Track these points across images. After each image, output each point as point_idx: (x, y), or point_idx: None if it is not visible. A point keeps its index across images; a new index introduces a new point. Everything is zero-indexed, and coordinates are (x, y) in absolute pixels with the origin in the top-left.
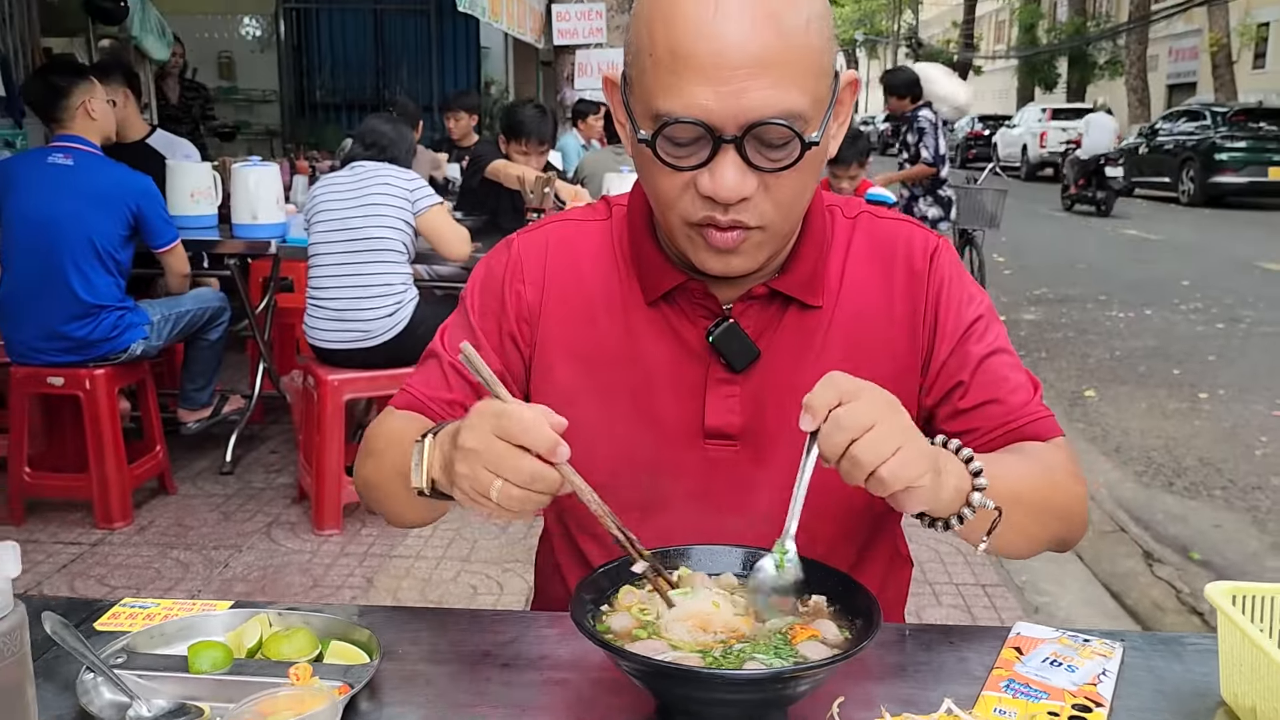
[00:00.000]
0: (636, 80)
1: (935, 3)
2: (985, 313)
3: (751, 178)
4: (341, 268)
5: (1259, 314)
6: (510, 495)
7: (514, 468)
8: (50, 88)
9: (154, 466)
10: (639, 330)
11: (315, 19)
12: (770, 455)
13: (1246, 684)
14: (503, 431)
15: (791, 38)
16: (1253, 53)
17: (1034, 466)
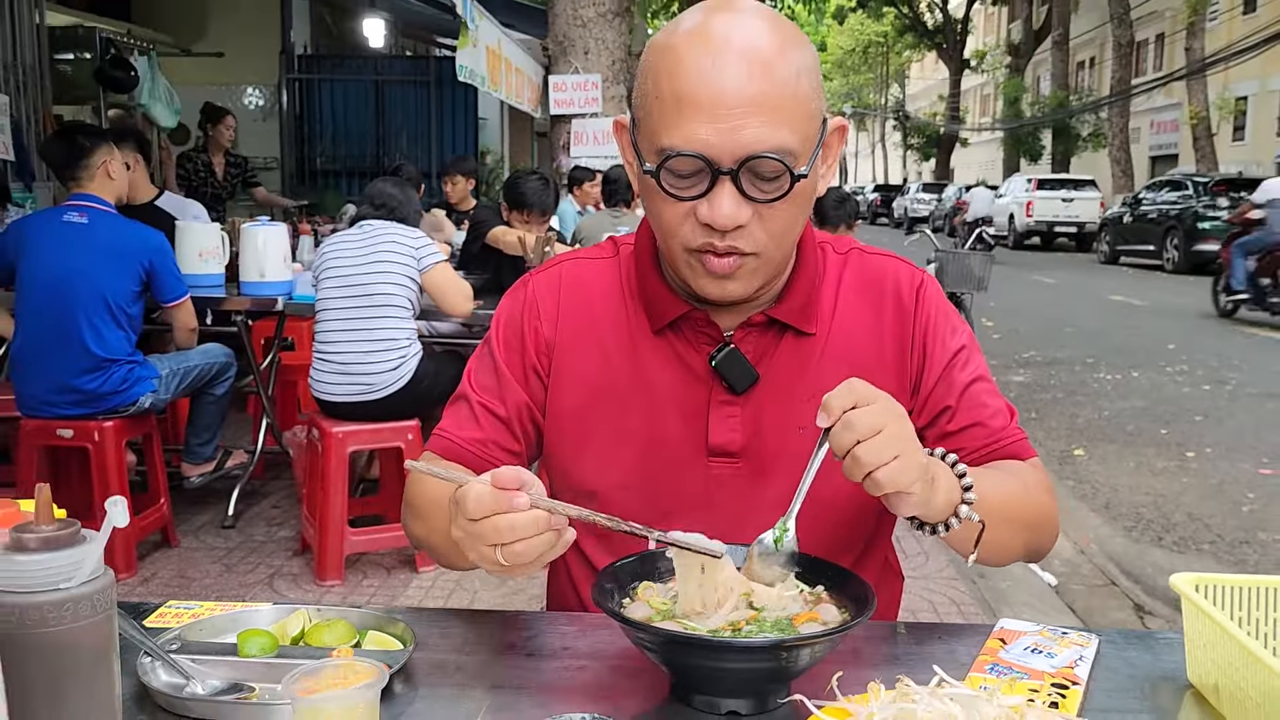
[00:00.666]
0: (643, 121)
1: (921, 77)
2: (968, 343)
3: (746, 208)
4: (348, 322)
5: (1244, 376)
6: (514, 553)
7: (495, 531)
8: (74, 147)
9: (158, 519)
10: (646, 357)
11: (317, 89)
12: (769, 471)
13: (1210, 663)
14: (468, 513)
15: (782, 85)
16: (1232, 125)
17: (1015, 483)
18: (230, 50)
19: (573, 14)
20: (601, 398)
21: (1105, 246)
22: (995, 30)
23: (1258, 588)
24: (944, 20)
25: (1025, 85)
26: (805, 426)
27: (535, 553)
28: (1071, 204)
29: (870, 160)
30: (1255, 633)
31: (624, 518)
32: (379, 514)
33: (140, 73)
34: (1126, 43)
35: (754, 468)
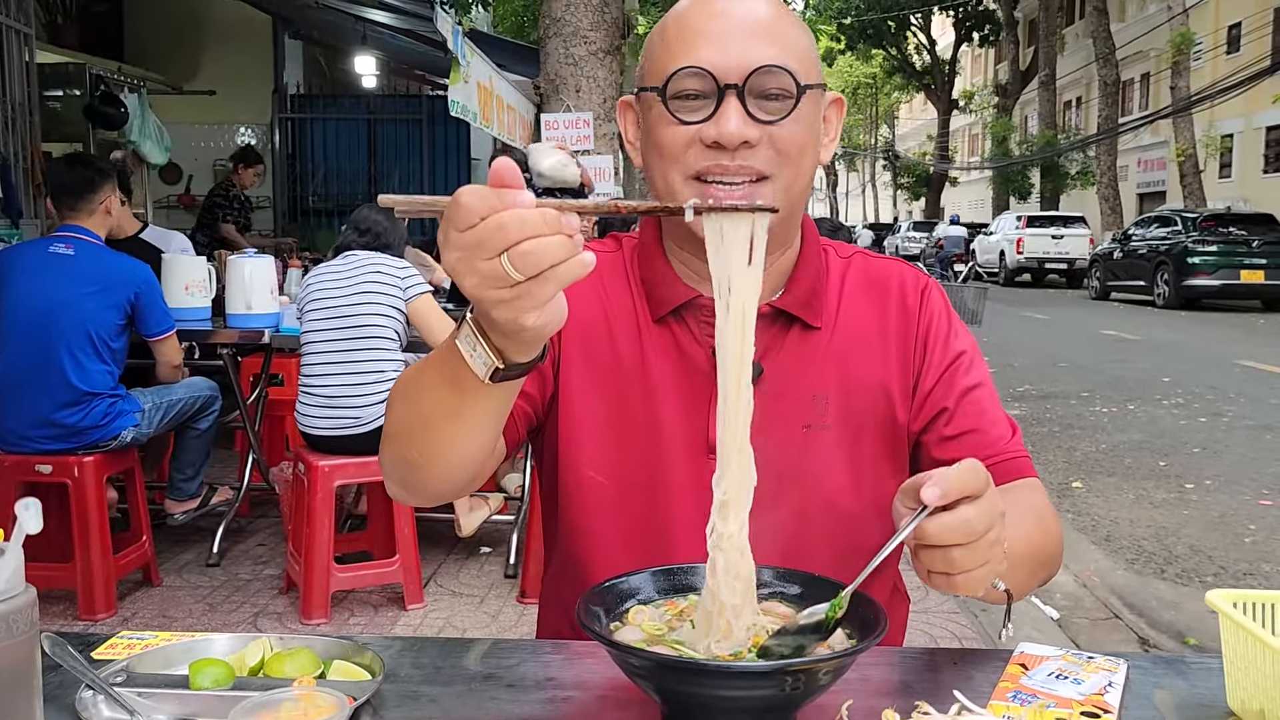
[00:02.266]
0: (649, 70)
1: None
2: (970, 349)
3: (753, 127)
4: (334, 354)
5: (1240, 409)
6: (523, 253)
7: (499, 229)
8: (85, 181)
9: (140, 557)
10: (648, 347)
11: (310, 128)
12: (771, 471)
13: (1254, 686)
14: (462, 219)
15: (784, 24)
16: (1218, 162)
17: (1030, 522)
18: (222, 89)
19: (564, 52)
20: (606, 383)
21: (1096, 282)
22: (983, 71)
23: None
24: (932, 62)
25: (1013, 125)
26: (810, 424)
27: (549, 256)
28: (1061, 241)
29: (861, 200)
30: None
31: (622, 513)
32: (366, 550)
33: (130, 110)
34: (1112, 82)
35: (758, 466)
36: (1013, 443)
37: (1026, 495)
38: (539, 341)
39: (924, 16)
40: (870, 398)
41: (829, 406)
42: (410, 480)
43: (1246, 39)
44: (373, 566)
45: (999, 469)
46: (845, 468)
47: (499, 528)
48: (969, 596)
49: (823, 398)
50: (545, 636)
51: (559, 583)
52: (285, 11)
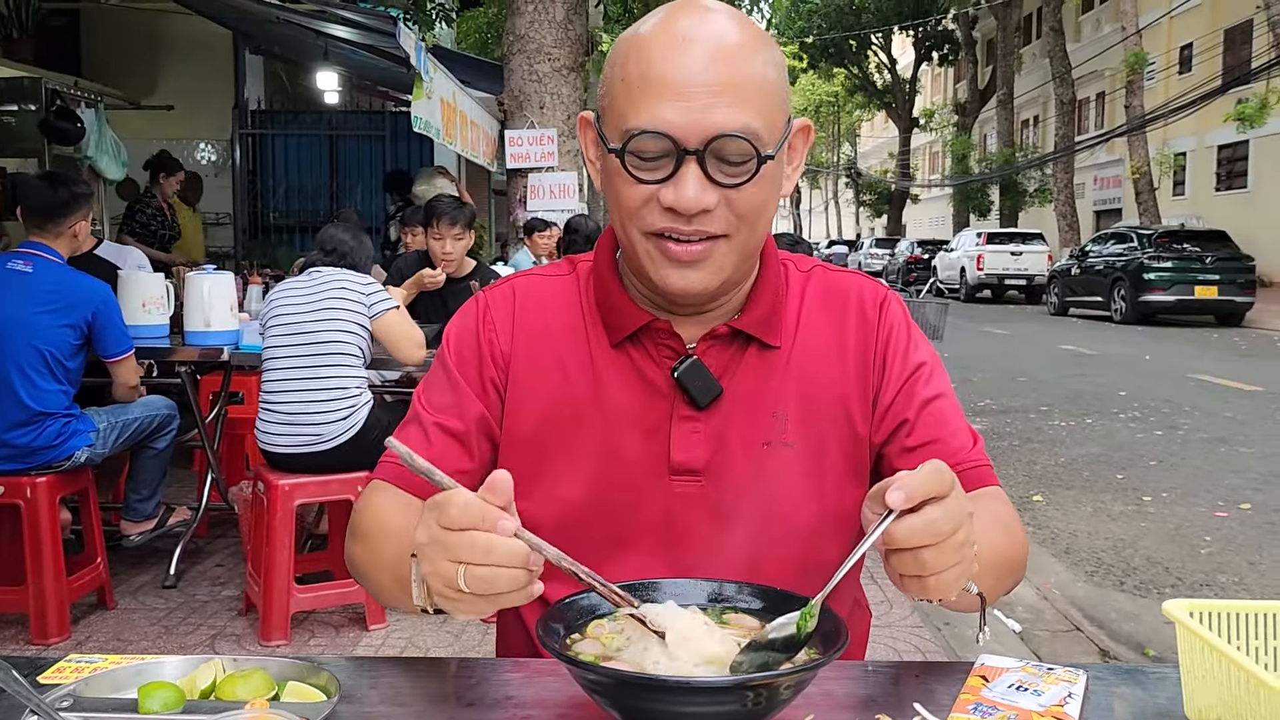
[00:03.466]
0: (608, 109)
1: (872, 135)
2: (930, 360)
3: (712, 192)
4: (296, 371)
5: (1195, 422)
6: (477, 577)
7: (469, 547)
8: (61, 203)
9: (94, 579)
10: (605, 372)
11: (271, 144)
12: (732, 489)
13: (1210, 695)
14: (447, 520)
15: (748, 71)
16: (1172, 180)
17: (997, 530)
18: (182, 105)
19: (528, 69)
20: (559, 415)
21: (1054, 298)
22: (942, 90)
23: (1256, 613)
24: (893, 81)
25: (973, 143)
26: (770, 441)
27: (501, 585)
28: (1020, 257)
29: (824, 217)
30: (1256, 661)
31: (582, 541)
32: (328, 570)
33: (87, 125)
34: (1069, 101)
35: (717, 485)
36: (974, 451)
37: (991, 504)
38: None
39: (884, 36)
40: (831, 412)
41: (789, 423)
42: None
43: (1198, 59)
44: (334, 586)
45: (963, 477)
46: (806, 483)
47: None
48: (944, 601)
49: (782, 414)
50: (505, 655)
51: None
52: (246, 27)
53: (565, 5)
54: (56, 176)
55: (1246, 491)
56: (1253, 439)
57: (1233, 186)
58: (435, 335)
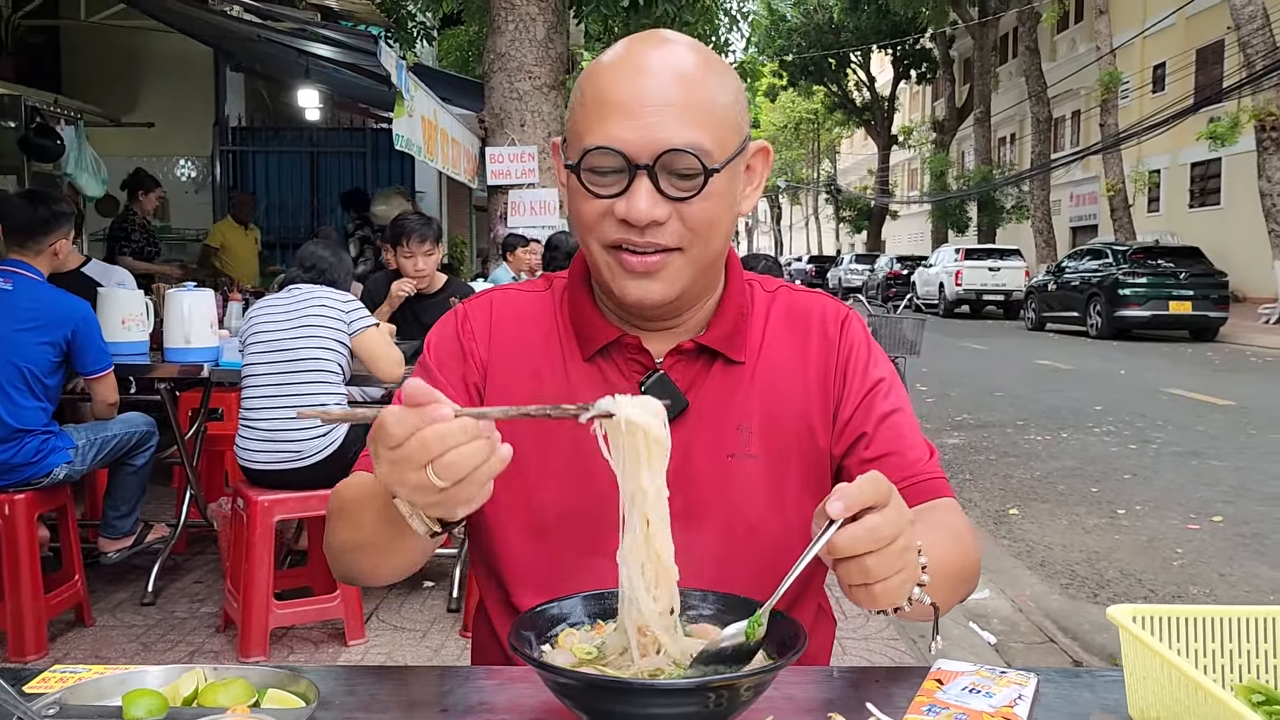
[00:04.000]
0: (571, 130)
1: (851, 152)
2: (889, 376)
3: (663, 205)
4: (276, 388)
5: (1168, 436)
6: (445, 465)
7: (422, 447)
8: (41, 221)
9: (72, 597)
10: (577, 385)
11: (251, 161)
12: (697, 499)
13: (1151, 695)
14: (389, 439)
15: (699, 92)
16: (1147, 197)
17: (949, 541)
18: (162, 121)
19: (509, 87)
20: (534, 425)
21: (1031, 313)
22: (921, 108)
23: (1196, 618)
24: (872, 98)
25: (951, 160)
26: (734, 453)
27: (470, 462)
28: (998, 273)
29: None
30: (1195, 664)
31: (553, 551)
32: (307, 586)
33: (67, 142)
34: (1045, 119)
35: (684, 497)
36: (930, 464)
37: (943, 515)
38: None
39: (863, 54)
40: (793, 426)
41: (753, 436)
42: (353, 575)
43: (1171, 79)
44: (313, 602)
45: (917, 489)
46: (769, 494)
47: (442, 561)
48: (898, 611)
49: (746, 428)
50: (480, 664)
51: (491, 612)
52: (227, 45)
53: (546, 24)
54: (38, 195)
55: (1218, 504)
56: (1224, 453)
57: (1206, 204)
58: (413, 353)
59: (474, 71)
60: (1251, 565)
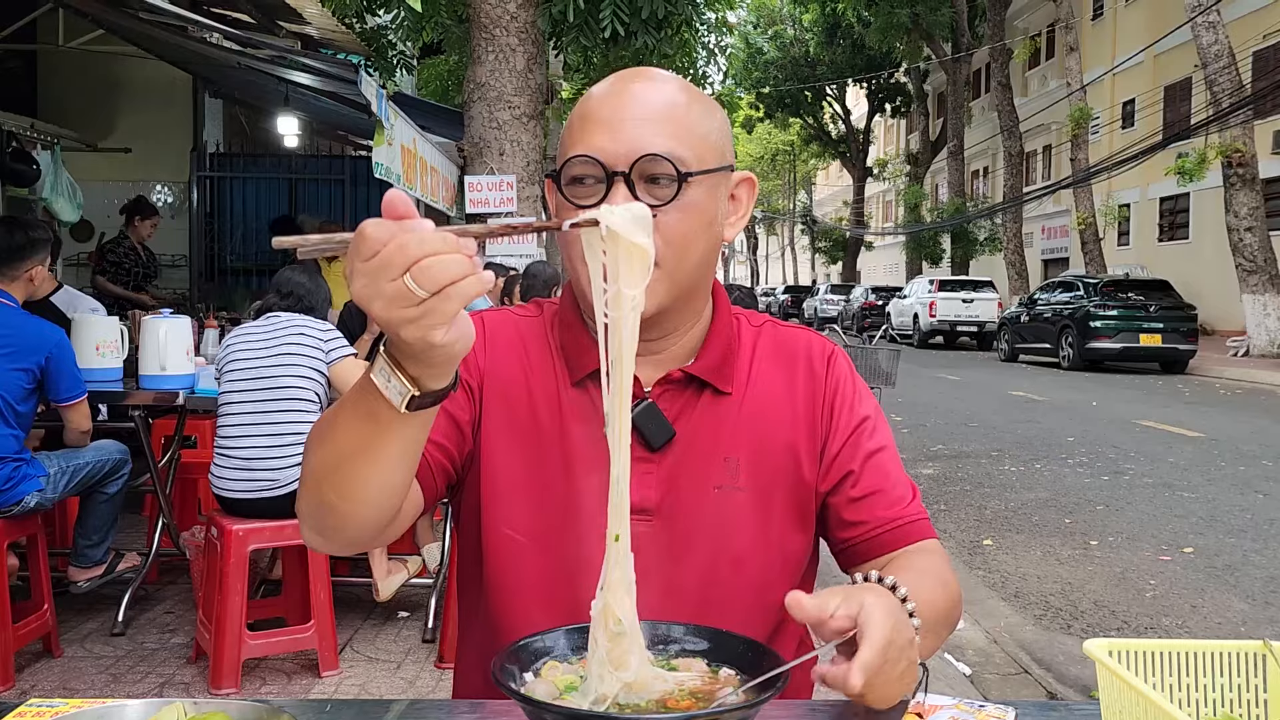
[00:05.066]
0: (561, 155)
1: (827, 184)
2: (874, 414)
3: None
4: (252, 416)
5: (1140, 467)
6: (423, 269)
7: (400, 252)
8: (16, 248)
9: (40, 627)
10: (566, 410)
11: (229, 187)
12: (683, 530)
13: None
14: (367, 247)
15: (678, 112)
16: (1117, 230)
17: (938, 589)
18: (139, 147)
19: (488, 116)
20: (525, 444)
21: (1005, 345)
22: (895, 141)
23: (1172, 652)
24: (847, 131)
25: (924, 192)
26: (721, 485)
27: (449, 272)
28: (972, 304)
29: (780, 263)
30: (1170, 698)
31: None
32: (280, 616)
33: (43, 167)
34: (1017, 153)
35: (669, 526)
36: (914, 505)
37: (930, 561)
38: (450, 364)
39: (839, 88)
40: (780, 459)
41: (740, 468)
42: (326, 524)
43: (1140, 115)
44: (286, 632)
45: (902, 531)
46: (754, 527)
47: (417, 592)
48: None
49: (734, 460)
50: (461, 698)
51: (476, 643)
52: (206, 72)
53: (525, 55)
54: (15, 221)
55: (1189, 535)
56: (1195, 484)
57: (1175, 237)
58: None
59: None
60: (1223, 597)
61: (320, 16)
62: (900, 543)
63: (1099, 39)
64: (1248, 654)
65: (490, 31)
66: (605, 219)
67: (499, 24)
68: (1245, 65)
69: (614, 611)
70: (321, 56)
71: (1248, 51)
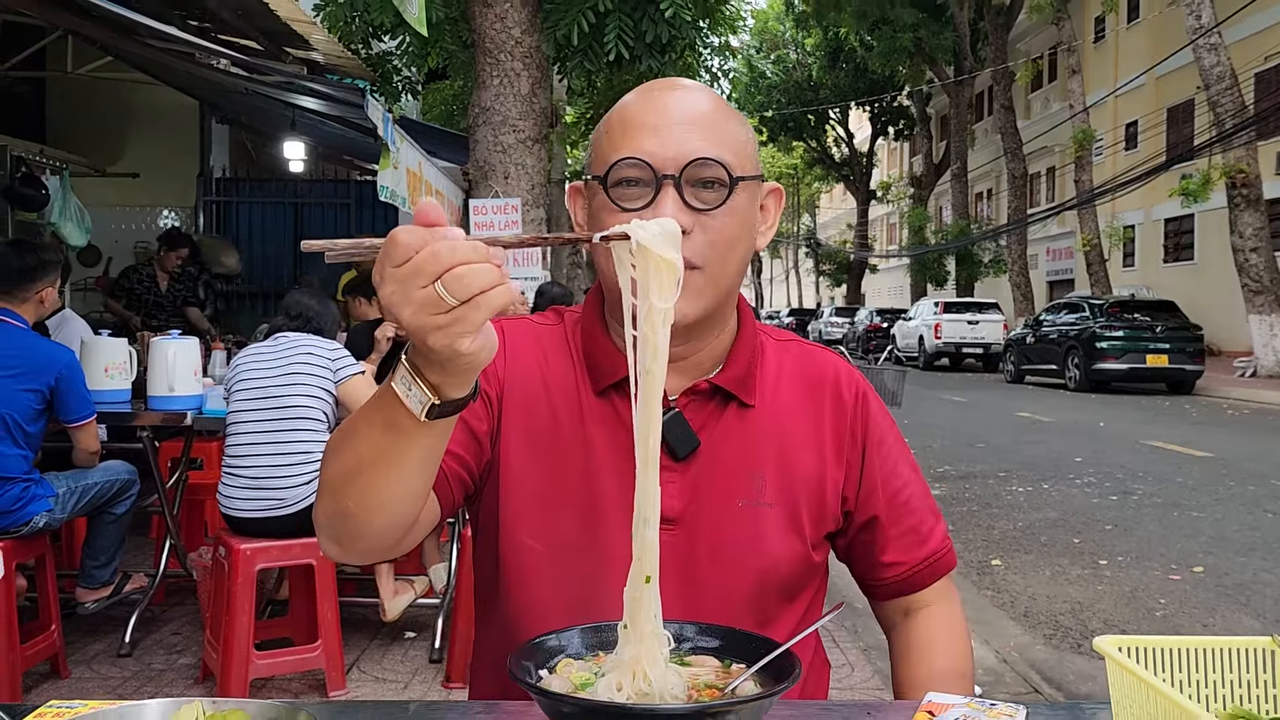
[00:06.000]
0: (595, 158)
1: (830, 207)
2: (900, 446)
3: (688, 215)
4: (261, 435)
5: (1148, 487)
6: (455, 277)
7: (433, 260)
8: (27, 270)
9: (47, 648)
10: (589, 418)
11: (235, 211)
12: (704, 539)
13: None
14: (399, 252)
15: (719, 120)
16: (1122, 252)
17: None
18: (147, 172)
19: (493, 140)
20: (546, 453)
21: (1011, 366)
22: (899, 164)
23: (1182, 649)
24: (850, 154)
25: (928, 215)
26: (744, 500)
27: (480, 281)
28: (977, 326)
29: (785, 285)
30: (1181, 693)
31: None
32: (287, 636)
33: (51, 192)
34: (1020, 175)
35: (691, 536)
36: (938, 537)
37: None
38: (472, 373)
39: (842, 111)
40: (805, 481)
41: (766, 483)
42: (343, 533)
43: (1143, 136)
44: (294, 652)
45: (932, 568)
46: (777, 541)
47: (424, 612)
48: None
49: (760, 475)
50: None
51: (491, 650)
52: (214, 97)
53: (530, 79)
54: (25, 244)
55: (1199, 555)
56: (1204, 504)
57: (1180, 259)
58: None
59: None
60: (1234, 615)
61: (326, 42)
62: (929, 580)
63: (1101, 61)
64: (1257, 650)
65: (495, 56)
66: (636, 234)
67: (504, 49)
68: (1247, 86)
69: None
70: (328, 81)
71: (1249, 73)
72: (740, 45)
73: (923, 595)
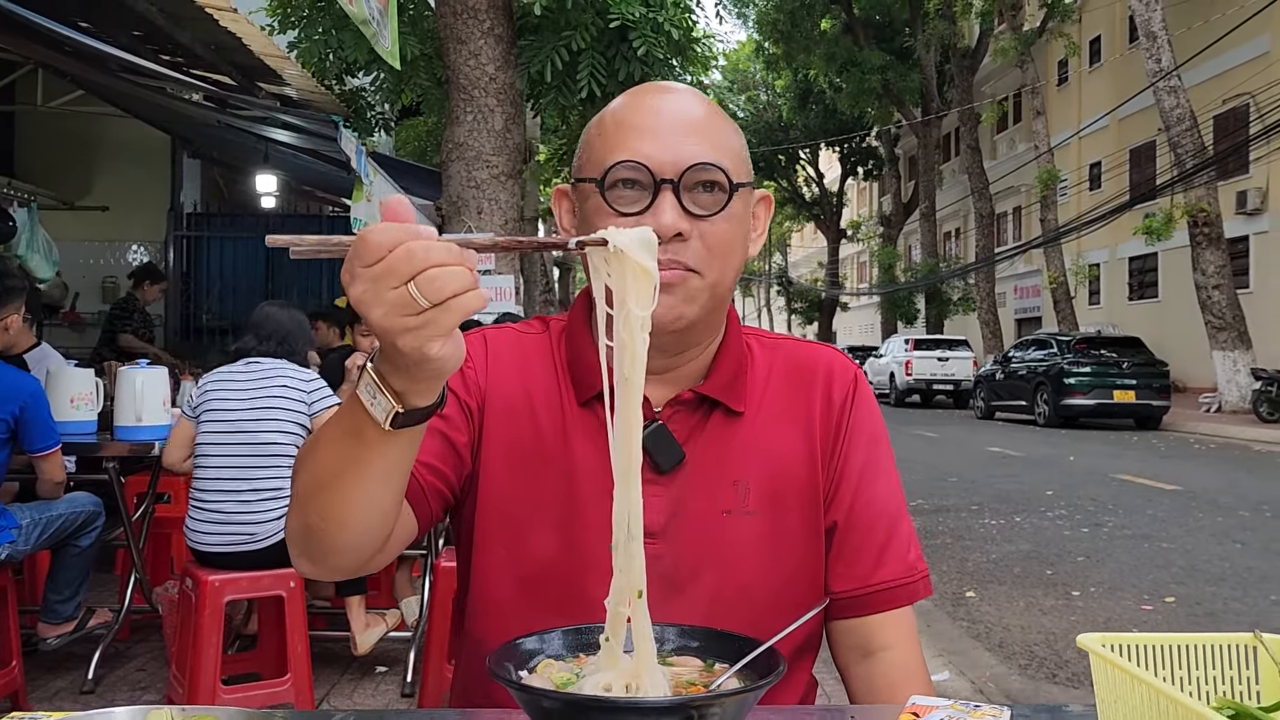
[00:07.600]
0: (586, 162)
1: (801, 245)
2: (884, 465)
3: (686, 220)
4: (231, 470)
5: (1119, 519)
6: (428, 279)
7: (406, 260)
8: None
9: (7, 685)
10: (571, 429)
11: (206, 246)
12: (689, 555)
13: (1123, 717)
14: (370, 252)
15: (714, 124)
16: (1088, 289)
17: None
18: (116, 206)
19: (466, 176)
20: (527, 464)
21: (981, 402)
22: (868, 203)
23: (1164, 645)
24: (820, 194)
25: (898, 253)
26: (730, 510)
27: (453, 284)
28: (947, 363)
29: (757, 323)
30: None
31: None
32: (255, 671)
33: (19, 224)
34: (987, 215)
35: (676, 549)
36: (915, 559)
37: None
38: (439, 380)
39: (812, 151)
40: (794, 478)
41: (750, 492)
42: (313, 548)
43: (1106, 177)
44: (262, 686)
45: (906, 590)
46: (764, 551)
47: (395, 645)
48: None
49: (744, 484)
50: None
51: (472, 664)
52: (186, 131)
53: (504, 115)
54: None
55: (1170, 585)
56: (1174, 535)
57: (1144, 296)
58: None
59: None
60: None
61: (299, 78)
62: (900, 601)
63: (1064, 103)
64: (1238, 646)
65: (469, 92)
66: (614, 238)
67: (477, 85)
68: (1207, 128)
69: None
70: (302, 113)
71: (1208, 115)
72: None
73: (880, 634)
